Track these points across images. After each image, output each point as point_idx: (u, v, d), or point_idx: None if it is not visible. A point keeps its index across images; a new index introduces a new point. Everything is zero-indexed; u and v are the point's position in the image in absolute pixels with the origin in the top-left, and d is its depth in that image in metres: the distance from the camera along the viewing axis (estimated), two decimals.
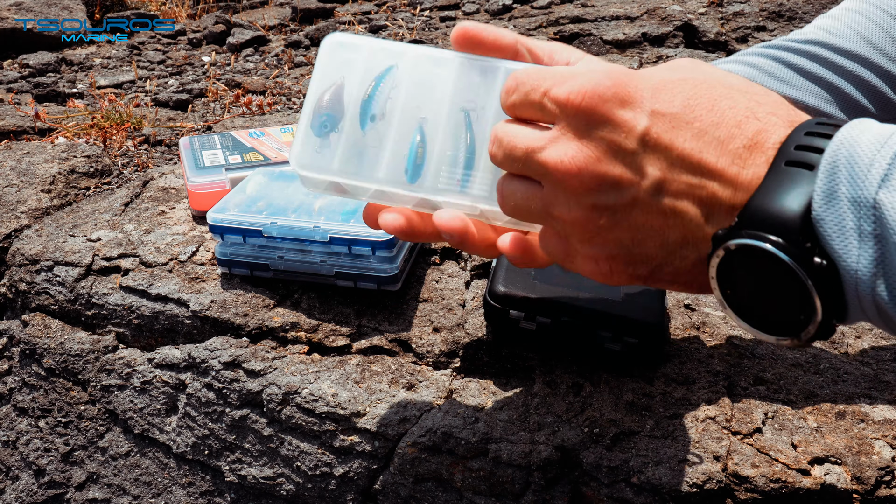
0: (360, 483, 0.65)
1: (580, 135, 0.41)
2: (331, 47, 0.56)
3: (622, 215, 0.41)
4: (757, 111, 0.39)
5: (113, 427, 0.80)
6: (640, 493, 0.57)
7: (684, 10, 1.71)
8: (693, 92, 0.40)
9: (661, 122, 0.40)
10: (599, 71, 0.41)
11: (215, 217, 0.74)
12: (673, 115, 0.40)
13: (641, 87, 0.41)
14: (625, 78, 0.41)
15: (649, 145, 0.40)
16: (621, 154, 0.40)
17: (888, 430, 0.60)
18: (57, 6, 1.93)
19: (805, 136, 0.37)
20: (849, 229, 0.35)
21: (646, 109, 0.40)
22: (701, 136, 0.39)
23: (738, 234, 0.38)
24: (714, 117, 0.39)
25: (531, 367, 0.68)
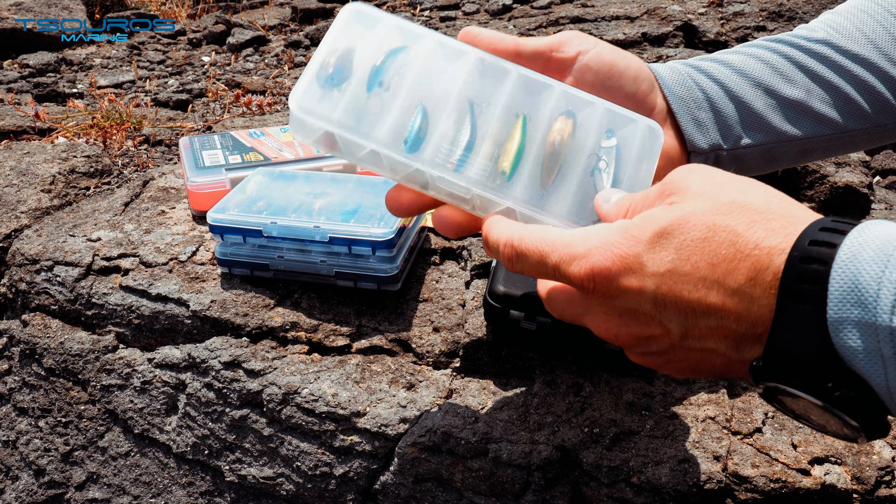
0: (360, 483, 0.65)
1: (603, 306, 0.46)
2: (350, 14, 0.56)
3: (670, 355, 0.45)
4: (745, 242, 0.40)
5: (113, 427, 0.80)
6: (640, 493, 0.57)
7: (684, 10, 1.71)
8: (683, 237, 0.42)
9: (665, 280, 0.42)
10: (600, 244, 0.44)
11: (215, 217, 0.74)
12: (672, 271, 0.42)
13: (639, 252, 0.43)
14: (624, 246, 0.44)
15: (660, 304, 0.43)
16: (642, 316, 0.44)
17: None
18: (57, 6, 1.92)
19: (802, 264, 0.38)
20: (871, 353, 0.36)
21: (647, 273, 0.43)
22: (702, 282, 0.41)
23: (767, 374, 0.40)
24: (708, 259, 0.41)
25: (531, 367, 0.68)
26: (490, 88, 0.55)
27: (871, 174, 1.16)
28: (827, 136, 0.64)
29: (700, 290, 0.41)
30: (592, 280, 0.44)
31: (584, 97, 0.56)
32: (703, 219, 0.42)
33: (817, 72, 0.63)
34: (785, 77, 0.63)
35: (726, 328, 0.41)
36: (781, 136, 0.63)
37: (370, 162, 0.54)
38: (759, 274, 0.39)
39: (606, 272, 0.44)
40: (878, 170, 1.24)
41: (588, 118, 0.55)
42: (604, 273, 0.44)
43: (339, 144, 0.54)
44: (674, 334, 0.44)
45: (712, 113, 0.62)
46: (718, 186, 0.43)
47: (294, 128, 0.54)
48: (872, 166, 1.21)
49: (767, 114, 0.62)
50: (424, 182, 0.53)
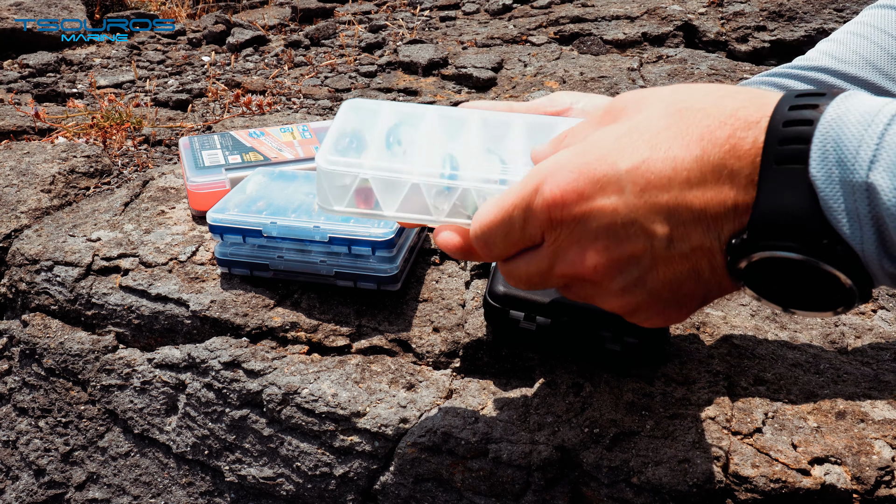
0: (360, 483, 0.65)
1: (577, 237, 0.42)
2: (349, 108, 0.57)
3: (651, 280, 0.42)
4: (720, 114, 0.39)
5: (113, 427, 0.80)
6: (640, 493, 0.57)
7: (684, 9, 1.71)
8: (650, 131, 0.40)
9: (643, 181, 0.40)
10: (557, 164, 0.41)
11: (215, 217, 0.74)
12: (645, 161, 0.40)
13: (607, 161, 0.41)
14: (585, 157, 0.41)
15: (644, 209, 0.40)
16: (621, 229, 0.41)
17: (888, 430, 0.60)
18: (57, 6, 1.92)
19: (785, 128, 0.37)
20: (850, 213, 0.36)
21: (623, 183, 0.40)
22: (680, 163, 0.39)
23: (754, 245, 0.39)
24: (682, 139, 0.39)
25: (531, 367, 0.68)
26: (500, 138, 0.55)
27: None
28: None
29: (678, 176, 0.39)
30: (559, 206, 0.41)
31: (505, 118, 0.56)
32: (667, 110, 0.40)
33: None
34: None
35: (711, 214, 0.40)
36: None
37: (413, 208, 0.51)
38: (739, 142, 0.38)
39: (572, 190, 0.41)
40: None
41: None
42: (569, 192, 0.41)
43: (376, 196, 0.51)
44: (658, 242, 0.41)
45: None
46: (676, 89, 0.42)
47: (322, 187, 0.52)
48: None
49: None
50: (474, 207, 0.51)
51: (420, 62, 1.55)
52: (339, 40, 1.82)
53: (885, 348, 0.71)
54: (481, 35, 1.75)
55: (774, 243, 0.38)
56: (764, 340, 0.71)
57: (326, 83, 1.55)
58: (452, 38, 1.76)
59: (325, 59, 1.71)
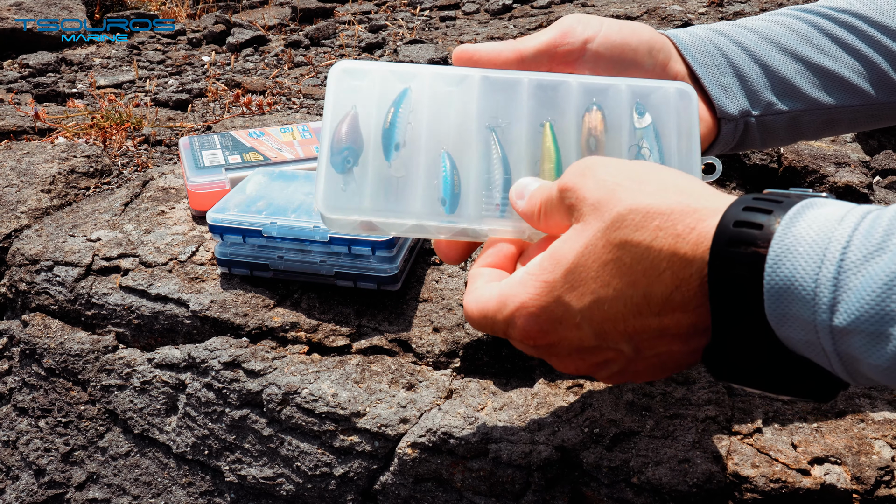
0: (360, 483, 0.65)
1: (551, 352, 0.47)
2: (338, 76, 0.54)
3: (633, 367, 0.46)
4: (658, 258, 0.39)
5: (113, 427, 0.80)
6: (640, 493, 0.57)
7: (684, 9, 1.71)
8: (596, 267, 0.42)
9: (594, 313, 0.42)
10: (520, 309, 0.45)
11: (215, 217, 0.74)
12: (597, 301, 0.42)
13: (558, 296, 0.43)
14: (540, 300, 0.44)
15: (601, 335, 0.43)
16: (590, 349, 0.45)
17: (888, 430, 0.60)
18: (57, 6, 1.92)
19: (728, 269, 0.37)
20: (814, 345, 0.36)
21: (575, 314, 0.43)
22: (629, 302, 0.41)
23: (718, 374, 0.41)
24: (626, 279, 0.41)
25: (531, 367, 0.68)
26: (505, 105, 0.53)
27: (871, 174, 1.16)
28: (854, 108, 0.62)
29: (631, 311, 0.41)
30: (532, 339, 0.45)
31: (602, 82, 0.52)
32: (608, 238, 0.41)
33: (846, 41, 0.61)
34: (813, 44, 0.61)
35: (671, 333, 0.42)
36: (811, 103, 0.61)
37: (416, 232, 0.53)
38: (684, 283, 0.39)
39: (537, 330, 0.45)
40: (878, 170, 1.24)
41: (614, 102, 0.52)
42: (535, 331, 0.45)
43: (379, 228, 0.52)
44: (626, 353, 0.44)
45: (737, 78, 0.60)
46: (613, 191, 0.42)
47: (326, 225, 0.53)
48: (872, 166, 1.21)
49: (796, 80, 0.60)
50: (476, 234, 0.52)
51: (420, 62, 1.55)
52: (339, 40, 1.82)
53: None
54: (481, 35, 1.75)
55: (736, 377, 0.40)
56: None
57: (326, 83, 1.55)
58: (452, 38, 1.76)
59: (325, 59, 1.71)
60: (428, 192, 0.52)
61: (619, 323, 0.42)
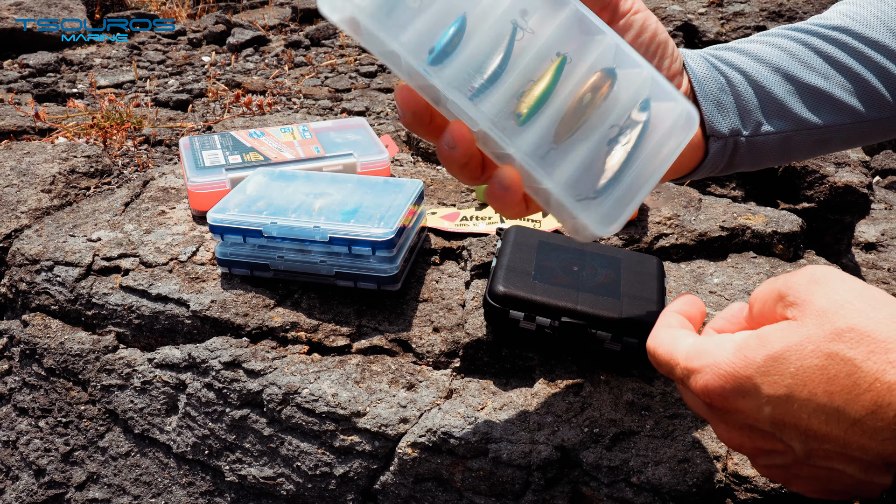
0: (360, 483, 0.65)
1: (723, 419, 0.46)
2: None
3: (796, 470, 0.44)
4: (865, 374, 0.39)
5: (113, 427, 0.80)
6: (640, 493, 0.57)
7: (684, 10, 1.71)
8: (798, 365, 0.41)
9: (780, 406, 0.42)
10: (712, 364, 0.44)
11: (215, 217, 0.74)
12: (789, 396, 0.41)
13: (751, 374, 0.43)
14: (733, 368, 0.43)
15: (778, 425, 0.42)
16: (761, 433, 0.44)
17: None
18: (57, 6, 1.92)
19: None
20: None
21: (762, 397, 0.42)
22: (820, 410, 0.40)
23: None
24: (825, 387, 0.40)
25: (531, 367, 0.68)
26: (540, 14, 0.50)
27: (871, 174, 1.16)
28: (846, 126, 0.62)
29: (819, 418, 0.40)
30: (708, 396, 0.45)
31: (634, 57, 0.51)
32: (820, 346, 0.40)
33: (837, 58, 0.62)
34: (804, 63, 0.62)
35: (851, 455, 0.41)
36: (801, 123, 0.61)
37: (389, 61, 0.50)
38: (881, 409, 0.38)
39: (720, 391, 0.44)
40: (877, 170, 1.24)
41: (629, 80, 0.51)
42: (716, 391, 0.44)
43: (363, 33, 0.49)
44: (797, 452, 0.43)
45: (733, 97, 0.60)
46: (841, 307, 0.41)
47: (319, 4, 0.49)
48: (872, 166, 1.21)
49: (787, 100, 0.61)
50: (436, 98, 0.50)
51: None
52: (340, 40, 1.82)
53: None
54: None
55: None
56: None
57: (326, 83, 1.55)
58: None
59: (325, 59, 1.71)
60: (424, 35, 0.49)
61: (802, 423, 0.41)
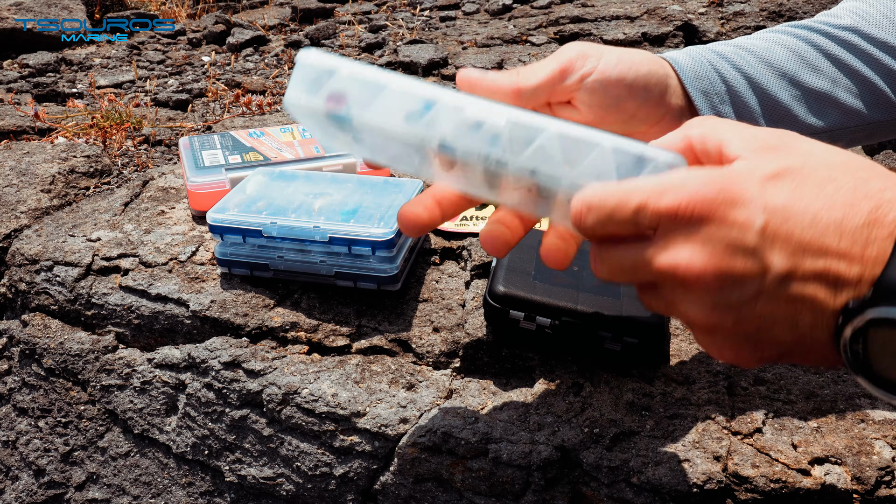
0: (360, 483, 0.65)
1: (692, 238, 0.40)
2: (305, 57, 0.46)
3: (747, 310, 0.41)
4: (867, 189, 0.39)
5: (113, 427, 0.80)
6: (640, 493, 0.57)
7: (684, 9, 1.71)
8: (798, 180, 0.40)
9: (776, 216, 0.39)
10: (699, 177, 0.40)
11: (215, 217, 0.74)
12: (784, 207, 0.39)
13: (747, 186, 0.40)
14: (728, 180, 0.40)
15: (769, 238, 0.39)
16: (742, 250, 0.40)
17: (888, 430, 0.60)
18: (57, 6, 1.92)
19: None
20: None
21: (758, 206, 0.39)
22: (817, 222, 0.39)
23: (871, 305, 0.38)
24: (823, 201, 0.39)
25: (531, 367, 0.68)
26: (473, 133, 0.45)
27: None
28: (851, 128, 0.62)
29: (814, 229, 0.39)
30: (690, 208, 0.40)
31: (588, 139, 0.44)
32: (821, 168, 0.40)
33: (844, 61, 0.61)
34: (811, 66, 0.61)
35: (834, 271, 0.39)
36: (806, 129, 0.61)
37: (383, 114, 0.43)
38: (881, 217, 0.38)
39: (709, 201, 0.39)
40: None
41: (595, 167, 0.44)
42: (706, 201, 0.39)
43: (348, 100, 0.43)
44: (773, 274, 0.39)
45: (732, 107, 0.60)
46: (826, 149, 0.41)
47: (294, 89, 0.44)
48: None
49: (792, 106, 0.60)
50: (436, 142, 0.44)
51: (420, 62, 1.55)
52: (339, 40, 1.82)
53: None
54: (481, 35, 1.75)
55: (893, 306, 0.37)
56: None
57: None
58: (452, 38, 1.76)
59: None
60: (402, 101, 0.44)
61: (795, 235, 0.39)
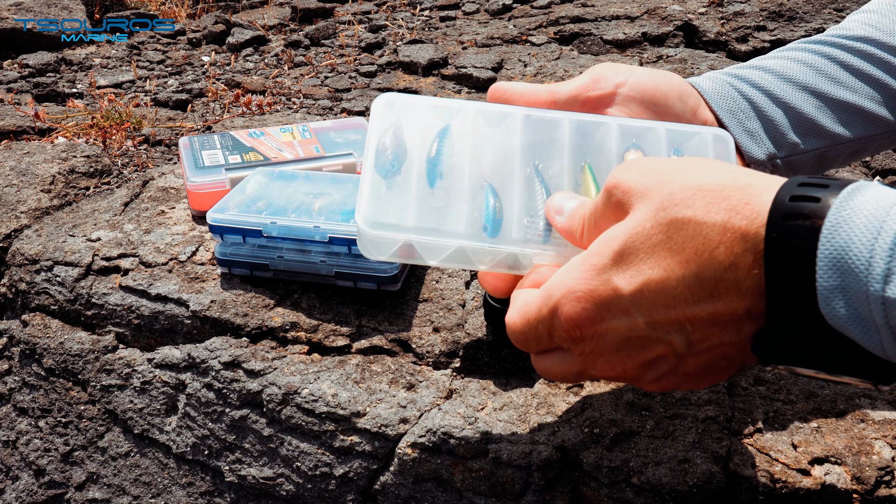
0: (360, 483, 0.65)
1: (600, 350, 0.44)
2: (384, 104, 0.54)
3: (682, 368, 0.44)
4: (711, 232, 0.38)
5: (113, 427, 0.80)
6: (640, 493, 0.57)
7: (684, 9, 1.71)
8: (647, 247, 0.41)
9: (649, 303, 0.41)
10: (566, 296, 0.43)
11: (215, 217, 0.74)
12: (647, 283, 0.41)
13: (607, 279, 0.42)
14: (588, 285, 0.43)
15: (654, 326, 0.42)
16: (639, 343, 0.43)
17: (888, 430, 0.60)
18: (57, 6, 1.92)
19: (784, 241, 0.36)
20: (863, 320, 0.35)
21: (626, 304, 0.42)
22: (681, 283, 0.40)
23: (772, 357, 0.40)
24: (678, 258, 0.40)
25: (531, 367, 0.68)
26: (547, 144, 0.54)
27: (872, 174, 1.16)
28: (878, 135, 0.63)
29: (682, 295, 0.40)
30: (577, 328, 0.43)
31: (641, 125, 0.53)
32: (658, 218, 0.40)
33: (863, 70, 0.61)
34: (831, 78, 0.62)
35: (723, 321, 0.40)
36: (835, 139, 0.61)
37: (456, 260, 0.52)
38: (737, 259, 0.38)
39: (585, 315, 0.43)
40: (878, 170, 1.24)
41: (652, 145, 0.53)
42: (582, 317, 0.43)
43: (419, 252, 0.51)
44: (678, 346, 0.42)
45: (761, 122, 0.60)
46: (662, 175, 0.41)
47: (365, 247, 0.52)
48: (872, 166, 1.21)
49: (818, 117, 0.61)
50: (515, 262, 0.51)
51: (420, 62, 1.55)
52: (339, 40, 1.82)
53: None
54: (481, 35, 1.75)
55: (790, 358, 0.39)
56: None
57: (326, 83, 1.55)
58: (452, 38, 1.76)
59: (325, 59, 1.71)
60: (471, 220, 0.52)
61: (671, 310, 0.40)
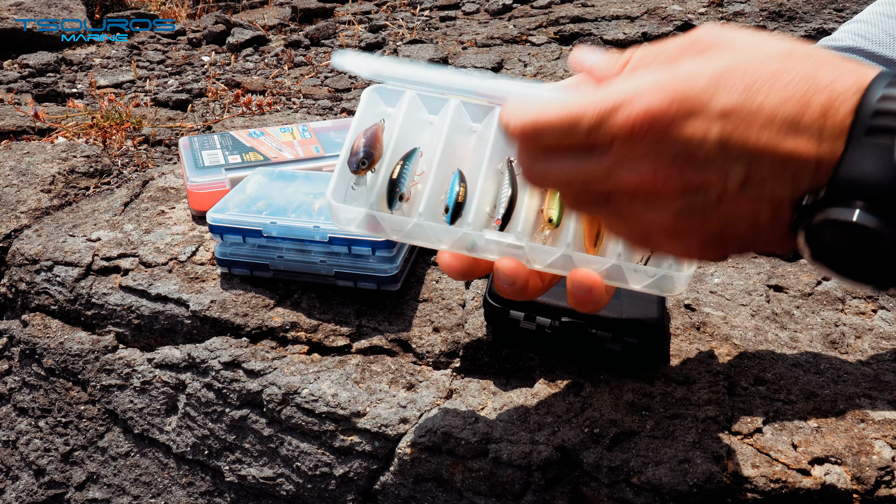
0: (360, 483, 0.65)
1: (651, 153, 0.40)
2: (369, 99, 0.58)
3: (710, 212, 0.41)
4: (819, 80, 0.39)
5: (113, 427, 0.80)
6: (640, 493, 0.57)
7: (684, 9, 1.71)
8: (750, 76, 0.39)
9: (732, 122, 0.39)
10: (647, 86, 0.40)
11: (215, 217, 0.73)
12: (739, 108, 0.39)
13: (700, 89, 0.39)
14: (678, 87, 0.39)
15: (725, 147, 0.39)
16: (701, 161, 0.40)
17: (888, 430, 0.60)
18: (57, 6, 1.92)
19: (879, 102, 0.37)
20: None
21: (713, 113, 0.39)
22: (771, 122, 0.39)
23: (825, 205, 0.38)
24: (778, 96, 0.39)
25: (531, 367, 0.68)
26: None
27: None
28: None
29: (770, 131, 0.38)
30: (646, 125, 0.39)
31: None
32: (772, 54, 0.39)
33: None
34: None
35: (791, 170, 0.39)
36: None
37: (416, 235, 0.54)
38: (833, 109, 0.38)
39: (663, 114, 0.39)
40: None
41: None
42: (660, 115, 0.39)
43: (383, 226, 0.54)
44: (732, 180, 0.40)
45: None
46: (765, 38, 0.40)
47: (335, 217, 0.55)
48: None
49: None
50: (474, 245, 0.53)
51: (420, 62, 1.55)
52: (339, 40, 1.82)
53: (885, 348, 0.71)
54: (481, 35, 1.75)
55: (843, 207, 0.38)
56: (764, 340, 0.71)
57: (326, 83, 1.55)
58: (452, 38, 1.76)
59: (325, 59, 1.71)
60: (433, 202, 0.54)
61: (751, 141, 0.39)
